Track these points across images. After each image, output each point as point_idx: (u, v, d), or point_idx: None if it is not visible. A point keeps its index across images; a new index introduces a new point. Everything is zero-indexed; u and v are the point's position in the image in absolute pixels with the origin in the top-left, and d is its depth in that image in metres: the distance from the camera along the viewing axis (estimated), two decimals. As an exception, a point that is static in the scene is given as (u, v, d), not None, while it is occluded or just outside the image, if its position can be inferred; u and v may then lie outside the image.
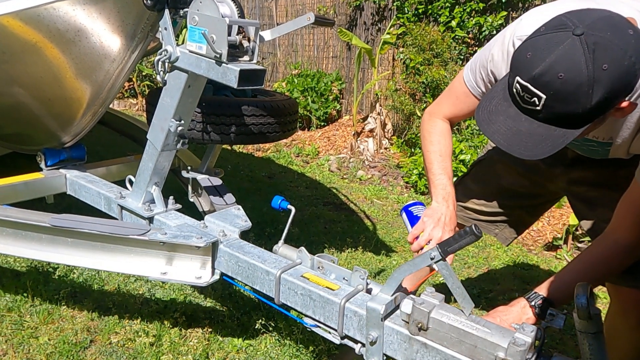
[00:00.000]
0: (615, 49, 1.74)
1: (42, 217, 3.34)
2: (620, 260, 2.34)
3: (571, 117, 1.85)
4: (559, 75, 1.78)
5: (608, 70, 1.74)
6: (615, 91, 1.79)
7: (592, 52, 1.73)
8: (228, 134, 3.91)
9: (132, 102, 12.50)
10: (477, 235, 2.04)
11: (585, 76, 1.75)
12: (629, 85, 1.81)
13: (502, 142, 2.01)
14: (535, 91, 1.85)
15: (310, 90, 10.31)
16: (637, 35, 1.78)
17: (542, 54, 1.82)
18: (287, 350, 3.64)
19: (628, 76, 1.77)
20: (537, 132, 1.93)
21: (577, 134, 1.89)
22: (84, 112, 3.93)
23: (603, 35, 1.75)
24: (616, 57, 1.74)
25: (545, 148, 1.92)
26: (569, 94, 1.79)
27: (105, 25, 3.43)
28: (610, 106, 1.84)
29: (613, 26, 1.78)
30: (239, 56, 2.91)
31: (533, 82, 1.84)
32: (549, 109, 1.86)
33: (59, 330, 3.68)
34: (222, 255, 3.09)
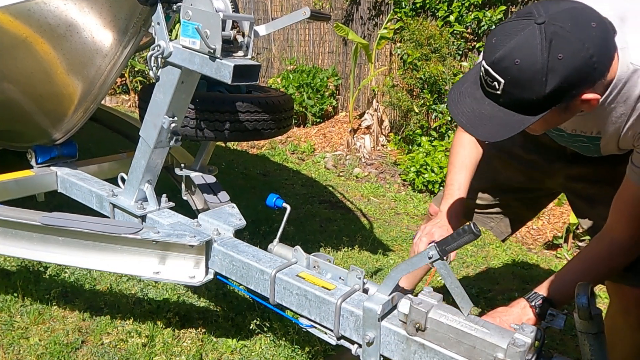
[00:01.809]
0: (573, 40, 1.81)
1: (33, 215, 3.33)
2: (619, 258, 2.37)
3: (528, 103, 1.92)
4: (516, 61, 1.86)
5: (563, 60, 1.81)
6: (571, 82, 1.85)
7: (549, 42, 1.81)
8: (222, 131, 3.91)
9: (125, 98, 12.49)
10: (475, 234, 2.04)
11: (540, 64, 1.82)
12: (587, 77, 1.87)
13: (465, 123, 2.08)
14: (495, 75, 1.93)
15: (306, 86, 10.30)
16: (599, 29, 1.85)
17: (504, 40, 1.90)
18: (282, 351, 3.64)
19: (585, 68, 1.84)
20: (498, 116, 1.99)
21: (533, 121, 1.96)
22: (75, 108, 3.93)
23: (563, 26, 1.82)
24: (573, 48, 1.81)
25: (504, 132, 1.99)
26: (525, 80, 1.87)
27: (97, 20, 3.42)
28: (567, 96, 1.90)
29: (576, 18, 1.84)
30: (233, 51, 2.91)
31: (493, 66, 1.93)
32: (507, 94, 1.94)
33: (49, 330, 3.68)
34: (216, 254, 3.09)
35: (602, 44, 1.86)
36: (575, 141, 2.58)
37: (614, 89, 2.06)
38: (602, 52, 1.87)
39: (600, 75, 1.91)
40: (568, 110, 2.03)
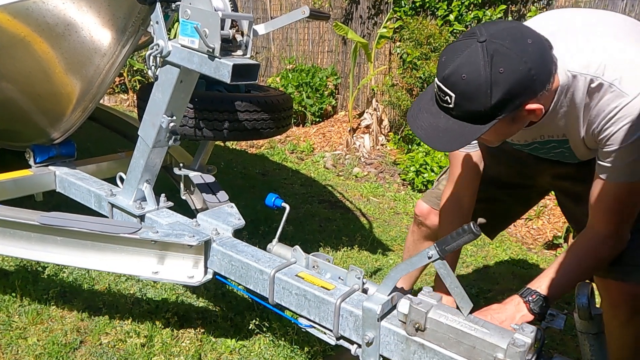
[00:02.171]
0: (512, 55, 2.02)
1: (31, 215, 3.33)
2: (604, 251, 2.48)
3: (477, 114, 2.10)
4: (463, 77, 2.06)
5: (504, 74, 2.01)
6: (513, 93, 2.05)
7: (491, 58, 2.01)
8: (221, 130, 3.91)
9: (123, 97, 12.48)
10: (475, 234, 2.04)
11: (484, 78, 2.02)
12: (528, 88, 2.08)
13: (423, 136, 2.25)
14: (446, 90, 2.12)
15: (305, 85, 10.30)
16: (535, 45, 2.08)
17: (452, 57, 2.10)
18: (281, 351, 3.64)
19: (525, 80, 2.04)
20: (452, 128, 2.17)
21: (484, 130, 2.13)
22: (73, 107, 3.93)
23: (502, 43, 2.03)
24: (512, 62, 2.02)
25: (458, 142, 2.18)
26: (472, 93, 2.06)
27: (96, 19, 3.42)
28: (512, 107, 2.10)
29: (513, 36, 2.06)
30: (232, 50, 2.91)
31: (444, 82, 2.12)
32: (458, 106, 2.12)
33: (48, 330, 3.67)
34: (215, 254, 3.09)
35: (539, 58, 2.07)
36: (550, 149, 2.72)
37: (561, 95, 2.28)
38: (540, 65, 2.07)
39: (542, 87, 2.11)
40: (516, 120, 2.22)
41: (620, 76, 2.16)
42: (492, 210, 3.34)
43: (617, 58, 2.21)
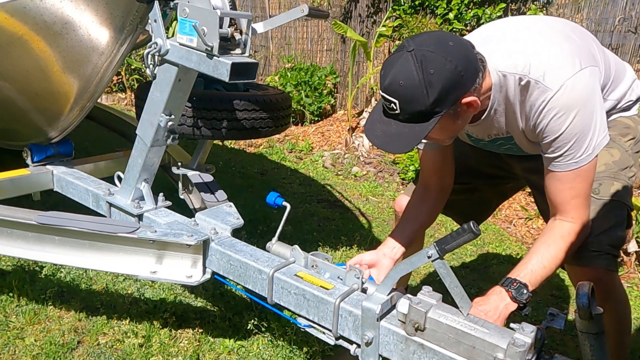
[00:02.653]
0: (438, 57, 2.26)
1: (29, 214, 3.33)
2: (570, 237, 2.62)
3: (421, 113, 2.33)
4: (400, 83, 2.29)
5: (435, 74, 2.25)
6: (447, 89, 2.28)
7: (421, 63, 2.26)
8: (219, 129, 3.91)
9: (121, 96, 12.48)
10: (475, 233, 2.04)
11: (418, 81, 2.26)
12: (459, 83, 2.30)
13: (379, 144, 2.48)
14: (390, 98, 2.34)
15: (304, 84, 10.31)
16: (457, 46, 2.33)
17: (388, 69, 2.35)
18: (280, 351, 3.64)
19: (454, 76, 2.27)
20: (403, 131, 2.39)
21: (431, 127, 2.35)
22: (71, 106, 3.92)
23: (428, 49, 2.28)
24: (439, 63, 2.25)
25: (411, 142, 2.38)
26: (411, 96, 2.29)
27: (93, 18, 3.42)
28: (449, 102, 2.32)
29: (436, 41, 2.32)
30: (230, 49, 2.91)
31: (386, 91, 2.35)
32: (403, 110, 2.34)
33: (45, 331, 3.67)
34: (214, 253, 3.09)
35: (462, 57, 2.31)
36: (500, 146, 2.97)
37: (495, 94, 2.54)
38: (465, 62, 2.31)
39: (471, 81, 2.34)
40: (457, 115, 2.44)
41: (544, 72, 2.41)
42: (471, 200, 3.55)
43: (542, 56, 2.46)
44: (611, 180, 2.86)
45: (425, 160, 3.22)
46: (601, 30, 7.64)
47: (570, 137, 2.44)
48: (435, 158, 3.16)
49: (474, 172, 3.45)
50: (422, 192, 3.24)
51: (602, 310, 2.00)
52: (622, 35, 7.48)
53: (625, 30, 7.40)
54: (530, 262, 2.55)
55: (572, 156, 2.48)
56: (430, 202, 3.22)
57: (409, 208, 3.25)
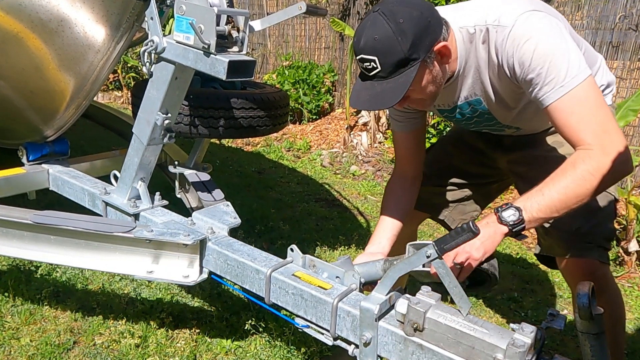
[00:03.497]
0: (403, 9, 2.42)
1: (24, 213, 3.32)
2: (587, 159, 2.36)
3: (400, 61, 2.44)
4: (375, 38, 2.42)
5: (405, 22, 2.39)
6: (419, 34, 2.42)
7: (389, 16, 2.41)
8: (216, 128, 3.90)
9: (117, 94, 12.50)
10: (474, 233, 2.04)
11: (391, 31, 2.40)
12: (429, 28, 2.45)
13: (368, 106, 2.61)
14: (368, 57, 2.46)
15: (302, 82, 10.31)
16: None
17: (361, 33, 2.48)
18: (277, 351, 3.64)
19: (422, 22, 2.42)
20: (387, 87, 2.49)
21: (413, 74, 2.45)
22: (67, 105, 3.91)
23: (393, 4, 2.45)
24: (406, 12, 2.41)
25: (397, 93, 2.47)
26: (388, 46, 2.42)
27: (90, 15, 3.42)
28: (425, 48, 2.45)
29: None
30: (227, 47, 2.90)
31: (363, 51, 2.47)
32: (384, 65, 2.46)
33: (41, 331, 3.67)
34: (211, 253, 3.09)
35: (424, 5, 2.48)
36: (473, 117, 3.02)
37: (461, 52, 2.66)
38: (428, 10, 2.48)
39: (439, 28, 2.50)
40: (434, 65, 2.55)
41: (500, 16, 2.51)
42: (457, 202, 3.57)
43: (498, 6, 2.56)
44: None
45: (400, 145, 3.34)
46: (601, 27, 7.64)
47: (541, 61, 2.40)
48: (409, 141, 3.27)
49: (459, 172, 3.50)
50: (401, 182, 3.32)
51: (602, 311, 2.00)
52: (622, 33, 7.48)
53: (626, 28, 7.40)
54: (531, 191, 2.45)
55: (555, 81, 2.40)
56: (409, 190, 3.31)
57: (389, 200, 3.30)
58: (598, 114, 2.39)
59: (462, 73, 2.74)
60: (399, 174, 3.34)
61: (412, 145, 3.27)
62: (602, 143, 2.34)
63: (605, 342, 2.05)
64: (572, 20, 7.86)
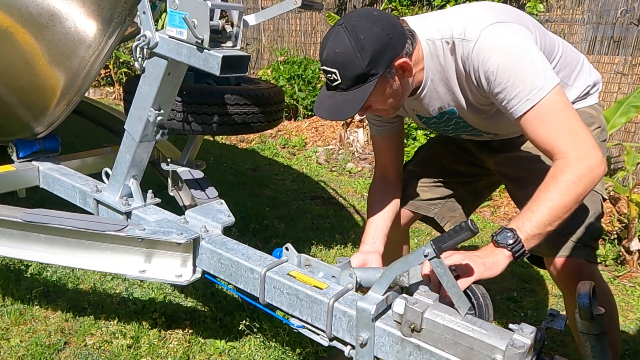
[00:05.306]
0: (365, 24, 2.51)
1: (14, 212, 3.32)
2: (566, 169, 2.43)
3: (359, 77, 2.53)
4: (336, 52, 2.52)
5: (365, 39, 2.48)
6: (379, 50, 2.50)
7: (351, 31, 2.50)
8: (210, 124, 3.90)
9: (109, 90, 12.48)
10: (473, 231, 2.04)
11: (351, 46, 2.49)
12: (389, 45, 2.53)
13: (326, 115, 2.69)
14: (329, 69, 2.56)
15: (297, 78, 10.31)
16: (381, 14, 2.59)
17: (324, 44, 2.59)
18: (272, 352, 3.65)
19: (382, 38, 2.50)
20: (347, 98, 2.58)
21: (370, 89, 2.55)
22: (57, 101, 3.91)
23: (356, 20, 2.54)
24: (367, 29, 2.49)
25: (355, 106, 2.57)
26: (347, 61, 2.51)
27: (81, 9, 3.41)
28: (383, 63, 2.53)
29: (363, 12, 2.60)
30: (221, 42, 2.90)
31: (324, 63, 2.59)
32: (344, 77, 2.55)
33: (31, 331, 3.67)
34: (204, 252, 3.08)
35: (387, 22, 2.55)
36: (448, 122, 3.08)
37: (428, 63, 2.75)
38: (390, 27, 2.55)
39: (400, 44, 2.57)
40: (394, 79, 2.63)
41: (464, 29, 2.58)
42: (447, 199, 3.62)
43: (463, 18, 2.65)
44: None
45: (379, 149, 3.43)
46: (603, 22, 7.65)
47: (506, 76, 2.48)
48: (388, 145, 3.39)
49: (449, 171, 3.57)
50: (382, 184, 3.42)
51: (603, 311, 2.00)
52: (624, 28, 7.48)
53: (628, 23, 7.41)
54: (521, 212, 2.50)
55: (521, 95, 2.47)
56: (391, 191, 3.37)
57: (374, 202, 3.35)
58: (567, 121, 2.48)
59: (432, 84, 2.82)
60: (380, 177, 3.44)
61: (391, 148, 3.39)
62: (576, 149, 2.43)
63: (607, 343, 2.06)
64: (572, 14, 7.87)
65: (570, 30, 7.89)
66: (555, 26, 8.00)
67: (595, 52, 7.68)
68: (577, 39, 7.82)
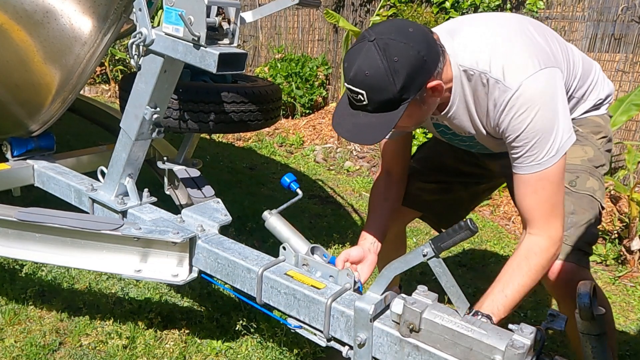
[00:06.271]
0: (400, 45, 2.36)
1: (8, 210, 3.32)
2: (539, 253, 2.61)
3: (389, 102, 2.41)
4: (366, 73, 2.37)
5: (399, 61, 2.34)
6: (412, 75, 2.37)
7: (384, 51, 2.35)
8: (207, 122, 3.90)
9: (105, 88, 12.47)
10: (472, 231, 2.04)
11: (384, 69, 2.34)
12: (423, 68, 2.40)
13: (348, 136, 2.56)
14: (357, 90, 2.41)
15: (295, 75, 10.30)
16: (417, 32, 2.43)
17: (352, 61, 2.43)
18: (269, 353, 3.64)
19: (418, 61, 2.37)
20: (372, 121, 2.46)
21: (400, 114, 2.43)
22: (52, 98, 3.90)
23: (389, 37, 2.37)
24: (402, 50, 2.35)
25: (381, 132, 2.47)
26: (378, 85, 2.37)
27: (76, 6, 3.41)
28: (415, 87, 2.41)
29: (397, 29, 2.42)
30: (218, 39, 2.90)
31: (352, 83, 2.42)
32: (371, 101, 2.42)
33: (26, 331, 3.67)
34: (201, 251, 3.09)
35: (423, 41, 2.41)
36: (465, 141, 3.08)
37: (456, 87, 2.64)
38: (426, 47, 2.41)
39: (434, 65, 2.44)
40: (424, 102, 2.53)
41: (504, 72, 2.50)
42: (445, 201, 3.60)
43: (502, 54, 2.55)
44: (587, 175, 2.94)
45: (387, 149, 3.34)
46: (603, 19, 7.64)
47: (531, 136, 2.51)
48: (396, 146, 3.29)
49: (451, 170, 3.55)
50: (386, 179, 3.35)
51: (604, 311, 2.00)
52: (625, 25, 7.48)
53: (629, 20, 7.41)
54: (493, 291, 2.57)
55: (535, 157, 2.54)
56: (394, 187, 3.35)
57: (377, 197, 3.34)
58: (555, 198, 2.61)
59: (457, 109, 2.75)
60: (385, 173, 3.38)
61: (398, 148, 3.32)
62: (551, 230, 2.61)
63: (607, 343, 2.06)
64: (573, 12, 7.87)
65: (570, 27, 7.89)
66: (556, 23, 8.00)
67: (596, 50, 7.68)
68: (577, 37, 7.82)
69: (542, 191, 2.59)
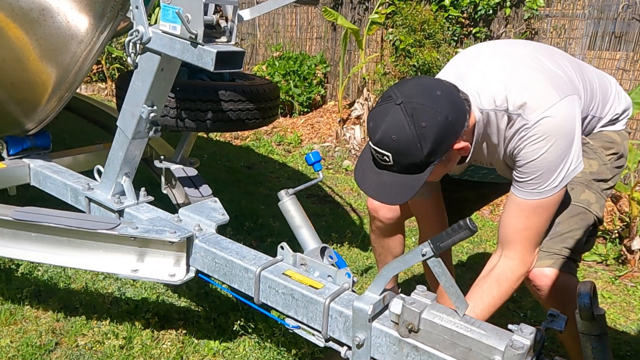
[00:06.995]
0: (428, 109, 2.36)
1: (4, 210, 3.31)
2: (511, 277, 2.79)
3: (415, 165, 2.43)
4: (393, 137, 2.38)
5: (427, 127, 2.35)
6: (440, 140, 2.39)
7: (412, 116, 2.35)
8: (204, 121, 3.90)
9: (101, 86, 12.48)
10: (471, 230, 2.04)
11: (411, 135, 2.35)
12: (451, 133, 2.42)
13: (372, 194, 2.60)
14: (382, 152, 2.43)
15: (293, 73, 10.30)
16: (444, 94, 2.43)
17: (378, 123, 2.43)
18: (267, 353, 3.64)
19: (446, 126, 2.38)
20: (397, 181, 2.48)
21: (425, 177, 2.45)
22: (49, 97, 3.90)
23: (417, 101, 2.37)
24: (430, 115, 2.36)
25: (406, 193, 2.48)
26: (405, 150, 2.38)
27: (72, 4, 3.40)
28: (442, 151, 2.43)
29: (425, 92, 2.42)
30: (215, 37, 2.89)
31: (378, 145, 2.43)
32: (397, 163, 2.43)
33: (22, 331, 3.66)
34: (198, 251, 3.08)
35: (450, 104, 2.41)
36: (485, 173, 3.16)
37: (479, 130, 2.65)
38: (453, 111, 2.41)
39: (461, 128, 2.45)
40: (448, 160, 2.57)
41: (523, 105, 2.51)
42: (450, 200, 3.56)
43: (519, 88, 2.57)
44: (583, 187, 2.96)
45: (419, 211, 3.46)
46: (604, 17, 7.64)
47: (541, 166, 2.56)
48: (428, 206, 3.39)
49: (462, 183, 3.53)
50: None
51: (604, 311, 2.00)
52: (625, 23, 7.47)
53: (629, 18, 7.40)
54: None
55: (538, 185, 2.61)
56: None
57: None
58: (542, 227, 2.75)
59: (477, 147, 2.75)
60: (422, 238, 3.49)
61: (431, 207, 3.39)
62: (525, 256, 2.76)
63: (607, 343, 2.06)
64: (573, 9, 7.87)
65: (570, 25, 7.89)
66: (556, 21, 8.01)
67: (596, 48, 7.68)
68: (577, 35, 7.82)
69: (534, 217, 2.69)
